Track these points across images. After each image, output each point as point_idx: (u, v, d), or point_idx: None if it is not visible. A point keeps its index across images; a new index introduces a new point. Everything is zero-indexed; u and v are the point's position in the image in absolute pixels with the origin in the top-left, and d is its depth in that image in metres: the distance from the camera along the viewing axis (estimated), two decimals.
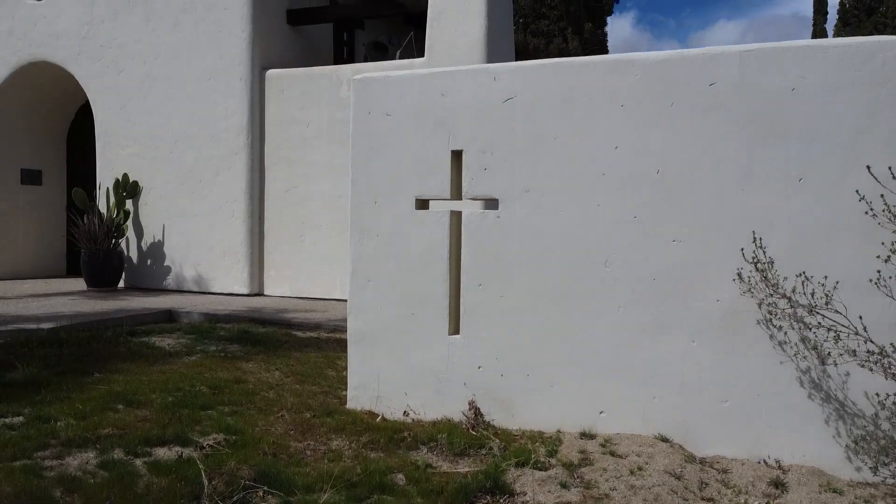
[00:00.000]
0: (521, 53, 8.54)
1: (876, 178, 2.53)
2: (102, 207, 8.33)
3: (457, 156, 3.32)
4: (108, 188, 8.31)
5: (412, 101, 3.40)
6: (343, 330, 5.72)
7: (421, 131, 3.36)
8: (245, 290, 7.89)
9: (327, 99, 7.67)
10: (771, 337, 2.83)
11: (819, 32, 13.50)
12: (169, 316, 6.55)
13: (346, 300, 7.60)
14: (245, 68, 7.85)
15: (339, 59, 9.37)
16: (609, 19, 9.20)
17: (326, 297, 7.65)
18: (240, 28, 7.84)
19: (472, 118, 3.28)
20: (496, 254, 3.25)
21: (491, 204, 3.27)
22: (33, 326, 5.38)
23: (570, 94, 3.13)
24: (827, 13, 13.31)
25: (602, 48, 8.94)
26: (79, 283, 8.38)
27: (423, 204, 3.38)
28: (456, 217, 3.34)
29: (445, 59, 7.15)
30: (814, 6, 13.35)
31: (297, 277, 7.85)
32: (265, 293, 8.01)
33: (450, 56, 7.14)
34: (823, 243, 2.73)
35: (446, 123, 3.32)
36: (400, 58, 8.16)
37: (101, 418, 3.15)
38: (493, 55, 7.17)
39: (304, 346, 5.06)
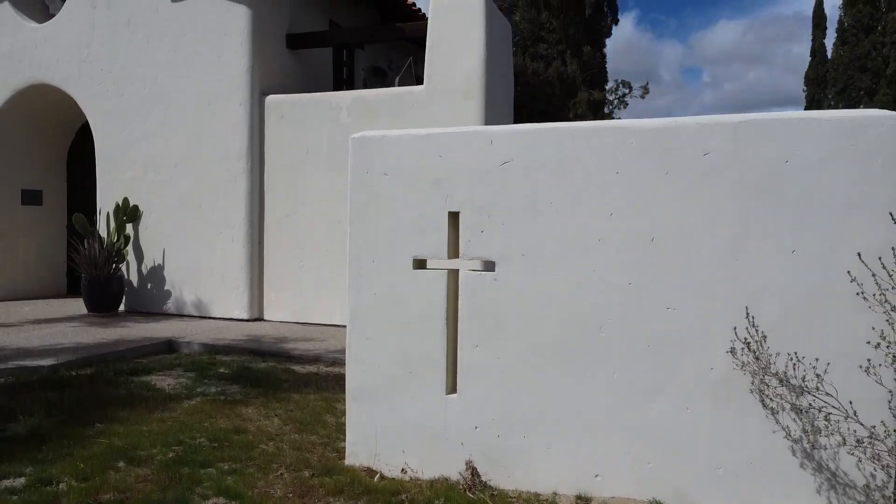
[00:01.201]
0: (520, 76, 8.57)
1: (865, 265, 2.56)
2: (103, 231, 8.36)
3: (454, 217, 3.35)
4: (108, 212, 8.34)
5: (410, 162, 3.43)
6: (341, 363, 5.78)
7: (419, 191, 3.39)
8: (245, 315, 7.92)
9: (326, 124, 7.70)
10: (763, 405, 2.86)
11: (818, 48, 13.51)
12: (169, 346, 6.58)
13: (344, 326, 7.64)
14: (245, 93, 7.87)
15: (338, 83, 9.43)
16: (608, 41, 9.23)
17: (326, 323, 7.69)
18: (239, 54, 7.87)
19: (469, 180, 3.31)
20: (493, 315, 3.27)
21: (488, 265, 3.30)
22: (34, 364, 5.41)
23: (565, 160, 3.16)
24: (826, 28, 13.33)
25: (601, 70, 8.96)
26: (79, 306, 8.41)
27: (420, 263, 3.41)
28: (453, 277, 3.37)
29: (444, 87, 7.19)
30: (813, 21, 13.36)
31: (297, 302, 7.88)
32: (265, 317, 8.05)
33: (448, 84, 7.18)
34: (816, 316, 2.76)
35: (443, 184, 3.35)
36: (399, 83, 8.18)
37: (102, 479, 3.18)
38: (491, 83, 7.21)
39: (303, 384, 5.09)
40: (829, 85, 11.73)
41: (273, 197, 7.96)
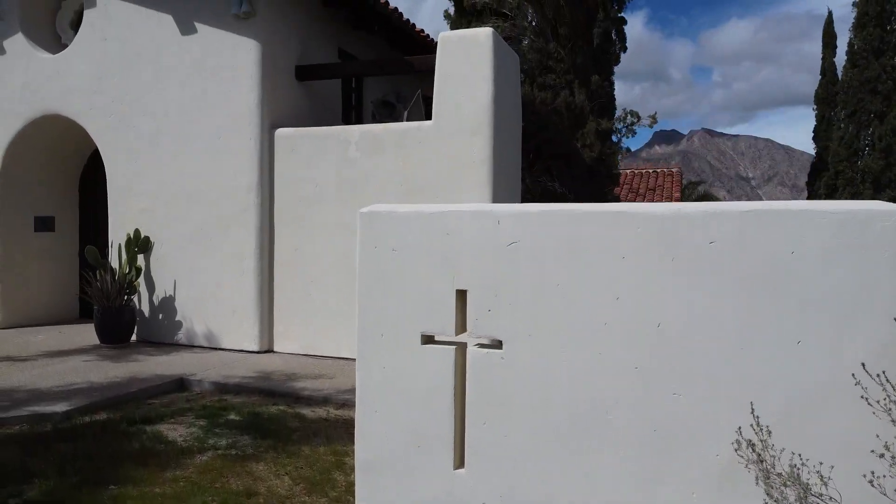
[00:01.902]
0: (528, 106, 8.60)
1: (870, 375, 2.58)
2: (115, 262, 8.45)
3: (462, 294, 3.38)
4: (120, 244, 8.42)
5: (418, 238, 3.46)
6: (350, 404, 5.84)
7: (426, 268, 3.43)
8: (255, 347, 7.98)
9: (335, 158, 7.75)
10: (769, 495, 2.88)
11: (828, 67, 13.41)
12: (180, 384, 6.66)
13: (352, 359, 7.66)
14: (254, 127, 7.93)
15: (347, 113, 9.49)
16: (619, 60, 9.23)
17: (334, 355, 7.75)
18: (248, 88, 7.92)
19: (477, 259, 3.34)
20: (501, 393, 3.30)
21: (496, 343, 3.33)
22: (48, 410, 5.49)
23: (571, 243, 3.18)
24: (836, 47, 13.23)
25: (609, 99, 8.97)
26: (91, 334, 8.49)
27: (428, 339, 3.45)
28: (461, 354, 3.40)
29: (452, 123, 7.23)
30: (823, 40, 13.24)
31: (306, 335, 7.93)
32: (275, 349, 8.11)
33: (456, 121, 7.21)
34: (821, 414, 2.77)
35: (451, 262, 3.38)
36: (408, 116, 8.22)
37: None
38: (500, 118, 7.24)
39: (313, 434, 5.13)
40: (839, 106, 11.68)
41: (283, 230, 8.02)
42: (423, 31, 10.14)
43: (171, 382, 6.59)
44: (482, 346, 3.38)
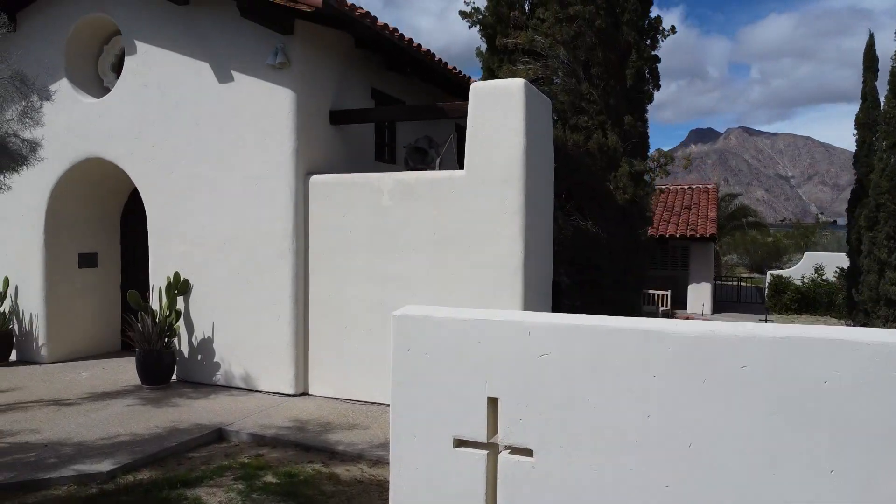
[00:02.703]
0: (560, 148, 8.60)
1: None
2: (155, 303, 8.68)
3: (493, 402, 3.42)
4: (160, 287, 8.64)
5: (450, 344, 3.51)
6: (384, 462, 5.93)
7: (458, 374, 3.48)
8: (290, 391, 8.13)
9: (368, 206, 7.85)
10: None
11: (869, 92, 13.10)
12: (219, 435, 6.82)
13: (385, 404, 7.76)
14: (290, 174, 8.07)
15: (380, 152, 9.59)
16: (652, 98, 9.15)
17: (367, 400, 7.86)
18: (284, 136, 8.07)
19: (508, 368, 3.38)
20: (531, 501, 3.34)
21: (526, 452, 3.37)
22: (93, 469, 5.67)
23: (602, 359, 3.21)
24: (877, 70, 12.90)
25: (642, 140, 8.91)
26: (132, 369, 8.73)
27: (460, 443, 3.50)
28: (492, 459, 3.45)
29: (484, 173, 7.27)
30: (864, 63, 12.93)
31: (340, 379, 8.05)
32: (310, 392, 8.24)
33: (488, 171, 7.25)
34: None
35: (482, 370, 3.43)
36: (441, 164, 8.28)
37: None
38: (532, 168, 7.25)
39: (347, 501, 5.23)
40: (879, 135, 11.44)
41: (317, 275, 8.15)
42: (455, 68, 10.20)
43: (210, 433, 6.76)
44: (513, 452, 3.43)
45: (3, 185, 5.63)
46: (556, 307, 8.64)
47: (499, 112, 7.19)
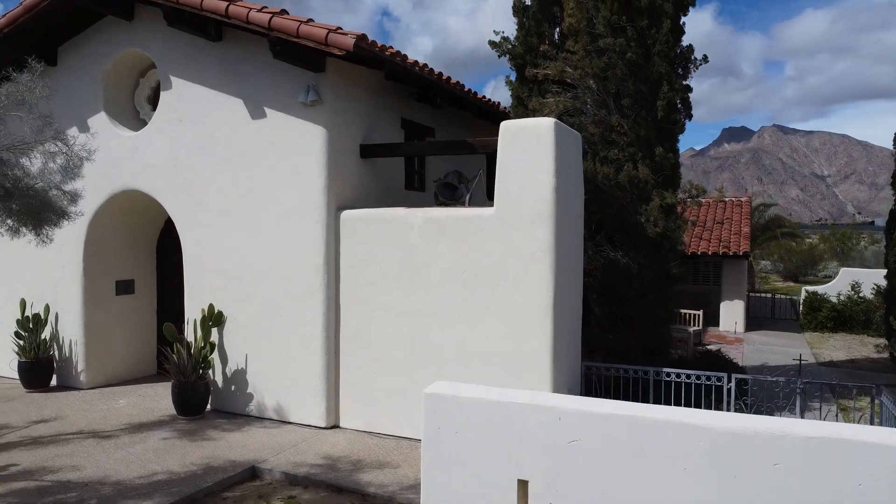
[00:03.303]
0: (590, 181, 8.57)
1: None
2: (190, 335, 8.85)
3: (523, 484, 3.45)
4: (195, 320, 8.81)
5: (480, 424, 3.54)
6: None
7: (488, 453, 3.51)
8: (321, 423, 8.23)
9: (398, 242, 7.91)
10: None
11: None
12: (252, 473, 6.93)
13: (415, 439, 7.78)
14: (321, 210, 8.17)
15: (409, 185, 9.66)
16: (684, 128, 9.05)
17: (397, 434, 7.92)
18: (315, 172, 8.16)
19: (538, 451, 3.40)
20: None
21: None
22: None
23: (633, 448, 3.21)
24: None
25: (674, 171, 8.84)
26: (167, 395, 8.90)
27: None
28: None
29: (513, 211, 7.27)
30: None
31: (370, 412, 8.13)
32: (341, 424, 8.33)
33: (518, 209, 7.25)
34: None
35: (512, 451, 3.45)
36: (470, 200, 8.31)
37: None
38: (561, 206, 7.24)
39: None
40: None
41: (348, 310, 8.23)
42: (485, 97, 10.22)
43: (243, 472, 6.87)
44: None
45: (47, 237, 5.80)
46: (586, 341, 8.62)
47: (528, 151, 7.20)
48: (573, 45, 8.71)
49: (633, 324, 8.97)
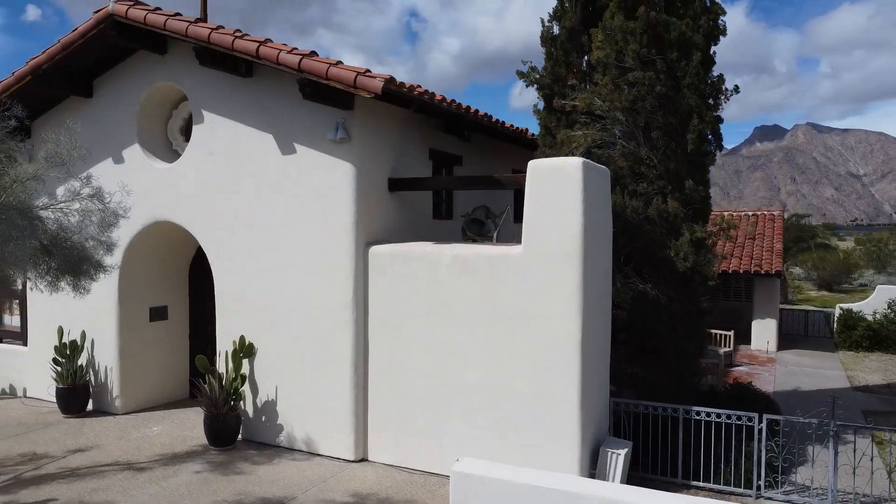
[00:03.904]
0: (619, 216, 8.52)
1: None
2: (221, 366, 8.99)
3: None
4: (227, 352, 8.95)
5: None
6: None
7: None
8: (350, 456, 8.30)
9: (426, 279, 7.95)
10: None
11: None
12: None
13: (444, 475, 7.82)
14: (350, 246, 8.24)
15: (437, 214, 9.72)
16: (714, 160, 8.93)
17: (425, 470, 7.96)
18: (344, 208, 8.24)
19: None
20: None
21: None
22: None
23: None
24: None
25: (704, 204, 8.74)
26: (199, 424, 9.03)
27: None
28: None
29: (541, 251, 7.27)
30: None
31: (399, 447, 8.18)
32: (369, 458, 8.40)
33: (545, 249, 7.24)
34: None
35: None
36: (498, 236, 8.30)
37: None
38: (590, 245, 7.21)
39: None
40: None
41: (376, 344, 8.30)
42: (512, 126, 10.22)
43: None
44: None
45: (84, 289, 5.95)
46: (614, 372, 8.57)
47: (556, 191, 7.18)
48: (601, 79, 8.67)
49: (661, 356, 8.89)
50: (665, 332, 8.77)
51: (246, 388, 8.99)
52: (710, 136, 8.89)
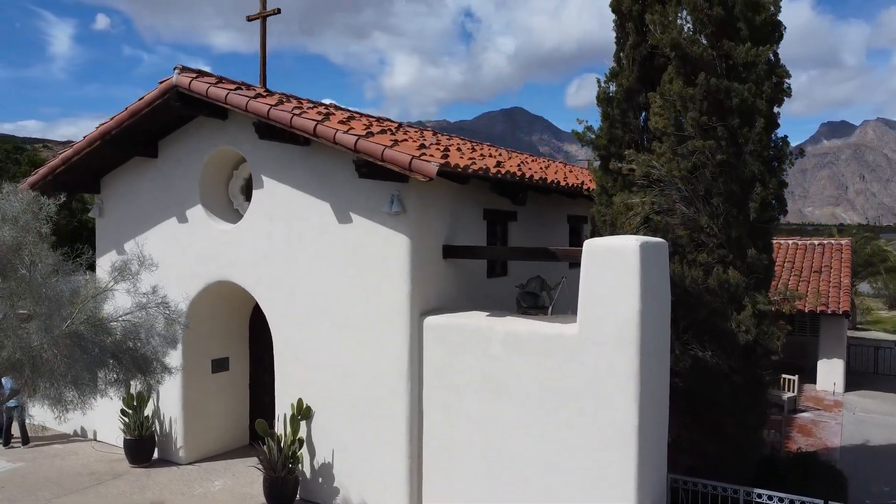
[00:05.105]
0: (677, 285, 8.35)
1: None
2: (279, 427, 9.19)
3: None
4: (285, 415, 9.14)
5: None
6: None
7: None
8: None
9: (479, 353, 7.94)
10: None
11: None
12: None
13: None
14: (404, 316, 8.31)
15: (492, 273, 9.74)
16: (778, 226, 8.66)
17: None
18: (399, 279, 8.31)
19: None
20: None
21: None
22: None
23: None
24: None
25: (767, 272, 8.48)
26: (259, 481, 9.16)
27: None
28: None
29: (596, 333, 7.17)
30: None
31: None
32: None
33: (601, 331, 7.15)
34: None
35: None
36: (552, 309, 8.25)
37: None
38: (647, 327, 7.08)
39: None
40: None
41: (430, 414, 8.34)
42: (567, 183, 10.13)
43: None
44: None
45: (154, 389, 6.17)
46: (672, 442, 8.40)
47: (613, 274, 7.07)
48: (659, 146, 8.51)
49: (721, 427, 8.68)
50: (726, 404, 8.57)
51: (304, 451, 9.16)
52: (773, 202, 8.61)
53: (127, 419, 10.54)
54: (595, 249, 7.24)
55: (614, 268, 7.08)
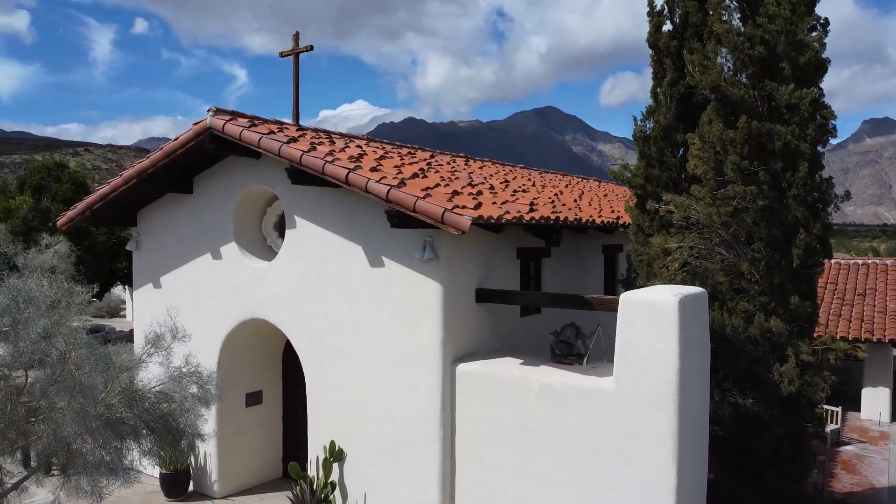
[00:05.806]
0: (717, 334, 8.13)
1: None
2: (311, 469, 9.18)
3: None
4: (318, 458, 9.13)
5: None
6: None
7: None
8: None
9: (514, 404, 7.82)
10: None
11: None
12: None
13: None
14: (437, 363, 8.23)
15: (525, 312, 9.61)
16: (822, 271, 8.37)
17: None
18: (432, 325, 8.23)
19: None
20: None
21: None
22: None
23: None
24: None
25: (811, 321, 8.21)
26: None
27: None
28: None
29: (633, 391, 7.01)
30: None
31: None
32: None
33: (638, 389, 6.98)
34: None
35: None
36: (588, 358, 8.08)
37: None
38: (685, 387, 6.89)
39: None
40: None
41: (463, 462, 8.25)
42: (602, 221, 9.94)
43: None
44: None
45: (196, 447, 6.21)
46: (711, 489, 8.17)
47: (650, 329, 6.90)
48: (699, 190, 8.28)
49: (762, 476, 8.43)
50: (767, 454, 8.31)
51: (336, 494, 9.14)
52: (818, 246, 8.33)
53: (162, 453, 10.60)
54: (632, 303, 7.07)
55: (652, 323, 6.90)
